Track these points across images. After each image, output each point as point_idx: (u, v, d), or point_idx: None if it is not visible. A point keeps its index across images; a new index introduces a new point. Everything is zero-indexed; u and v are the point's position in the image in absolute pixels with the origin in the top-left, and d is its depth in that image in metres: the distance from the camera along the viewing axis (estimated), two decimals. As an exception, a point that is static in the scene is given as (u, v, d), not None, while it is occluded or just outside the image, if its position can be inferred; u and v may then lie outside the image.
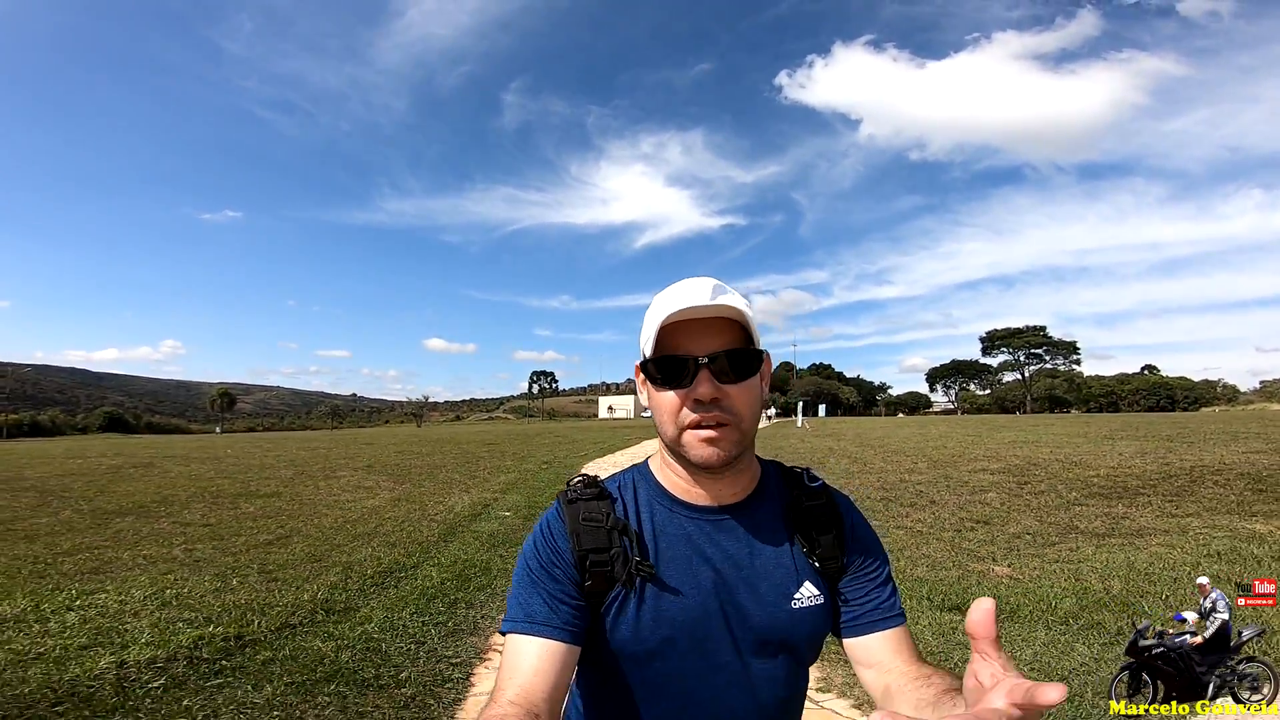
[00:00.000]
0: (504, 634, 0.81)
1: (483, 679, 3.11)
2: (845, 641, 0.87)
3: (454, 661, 3.28)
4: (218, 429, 75.95)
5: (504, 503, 8.49)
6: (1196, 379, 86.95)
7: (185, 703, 2.68)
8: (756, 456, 0.90)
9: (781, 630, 0.83)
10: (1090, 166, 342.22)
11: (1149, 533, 5.49)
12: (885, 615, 0.86)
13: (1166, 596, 3.86)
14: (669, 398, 0.80)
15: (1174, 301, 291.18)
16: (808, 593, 0.84)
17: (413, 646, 3.41)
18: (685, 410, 0.79)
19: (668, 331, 0.79)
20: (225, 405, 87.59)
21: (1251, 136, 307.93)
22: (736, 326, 0.80)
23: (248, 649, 3.26)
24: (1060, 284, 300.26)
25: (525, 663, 0.76)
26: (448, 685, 3.00)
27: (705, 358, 0.78)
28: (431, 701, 2.83)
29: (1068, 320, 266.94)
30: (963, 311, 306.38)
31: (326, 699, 2.75)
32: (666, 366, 0.80)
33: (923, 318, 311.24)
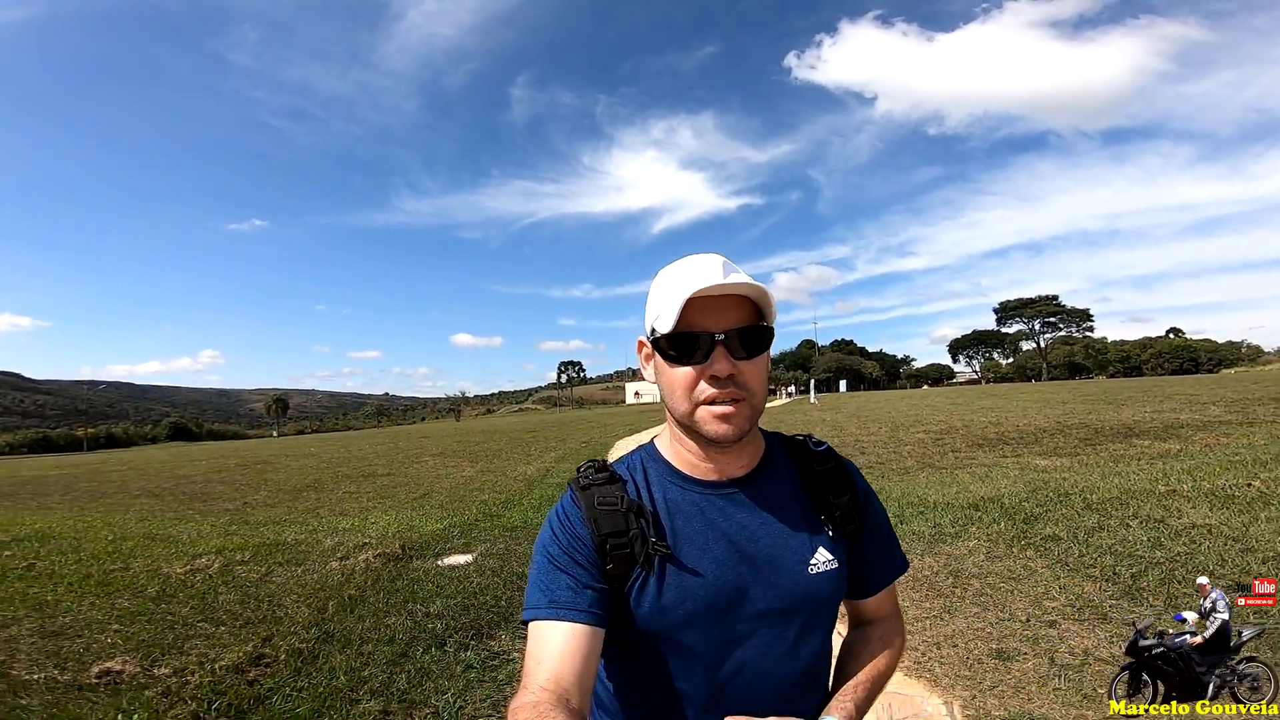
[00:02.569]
0: (526, 622, 0.82)
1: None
2: (857, 603, 0.96)
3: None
4: (274, 433, 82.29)
5: (559, 469, 11.60)
6: (1238, 339, 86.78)
7: (387, 589, 4.62)
8: (760, 429, 0.91)
9: (800, 596, 0.85)
10: (1115, 131, 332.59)
11: (970, 465, 8.38)
12: (892, 571, 0.96)
13: (922, 497, 6.61)
14: (683, 373, 0.81)
15: (1212, 261, 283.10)
16: (823, 557, 0.86)
17: (534, 533, 6.51)
18: (700, 386, 0.80)
19: (683, 306, 0.78)
20: (279, 410, 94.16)
21: (1277, 97, 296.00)
22: (748, 302, 0.81)
23: (451, 538, 6.36)
24: (1092, 248, 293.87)
25: (553, 648, 0.76)
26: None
27: (722, 334, 0.79)
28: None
29: (1103, 284, 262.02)
30: (992, 280, 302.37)
31: (502, 548, 5.85)
32: (681, 342, 0.80)
33: (951, 288, 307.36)
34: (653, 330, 0.83)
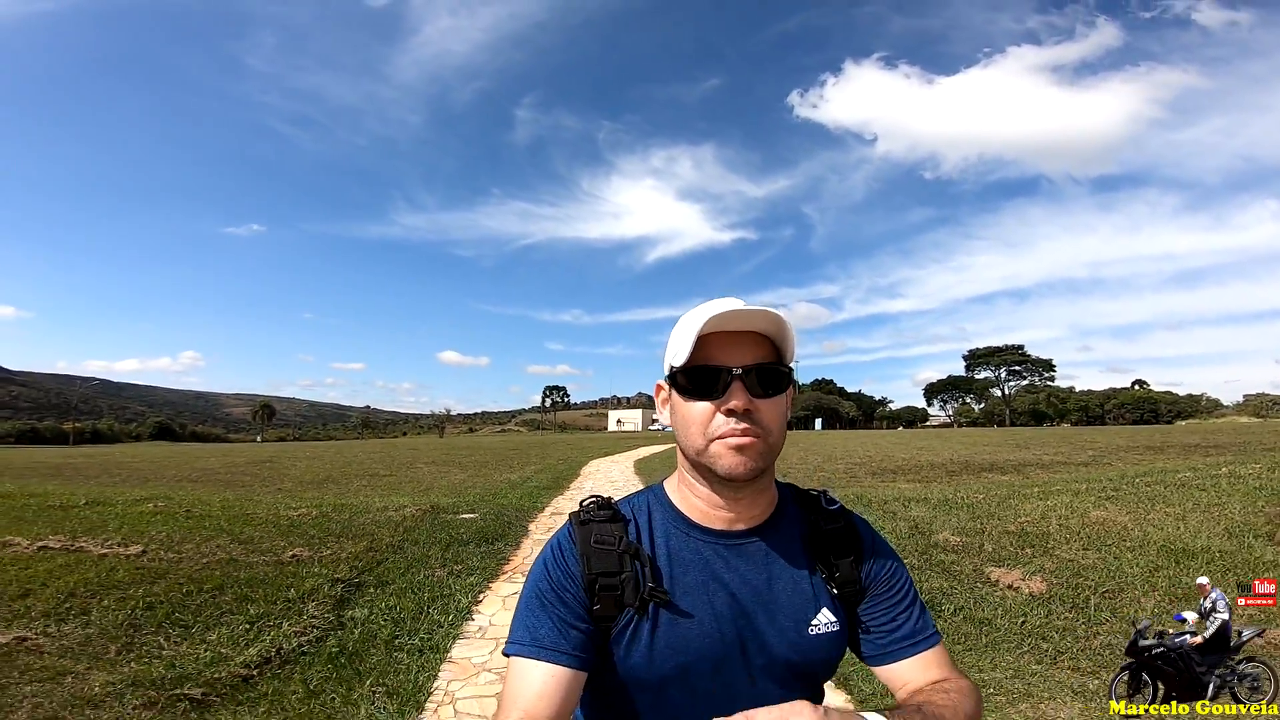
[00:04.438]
0: (507, 656, 0.80)
1: (537, 524, 8.47)
2: (877, 670, 0.88)
3: (535, 512, 8.67)
4: (258, 438, 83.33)
5: (536, 479, 13.85)
6: (1212, 392, 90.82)
7: (430, 524, 7.92)
8: (775, 481, 0.90)
9: (798, 657, 0.83)
10: (1104, 179, 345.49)
11: (851, 486, 10.83)
12: (916, 639, 0.87)
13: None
14: (700, 408, 0.80)
15: (1191, 313, 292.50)
16: (824, 619, 0.84)
17: (519, 513, 8.82)
18: (716, 420, 0.79)
19: (700, 344, 0.79)
20: (266, 416, 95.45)
21: (1265, 145, 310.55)
22: (767, 343, 0.82)
23: (461, 507, 8.66)
24: (1076, 296, 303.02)
25: (530, 688, 0.76)
26: (526, 525, 8.38)
27: (739, 369, 0.79)
28: (526, 522, 8.20)
29: (1084, 333, 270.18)
30: (976, 325, 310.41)
31: (495, 511, 8.17)
32: (699, 376, 0.80)
33: (935, 331, 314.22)
34: (670, 367, 0.84)
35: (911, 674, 0.85)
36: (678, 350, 0.81)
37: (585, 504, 0.88)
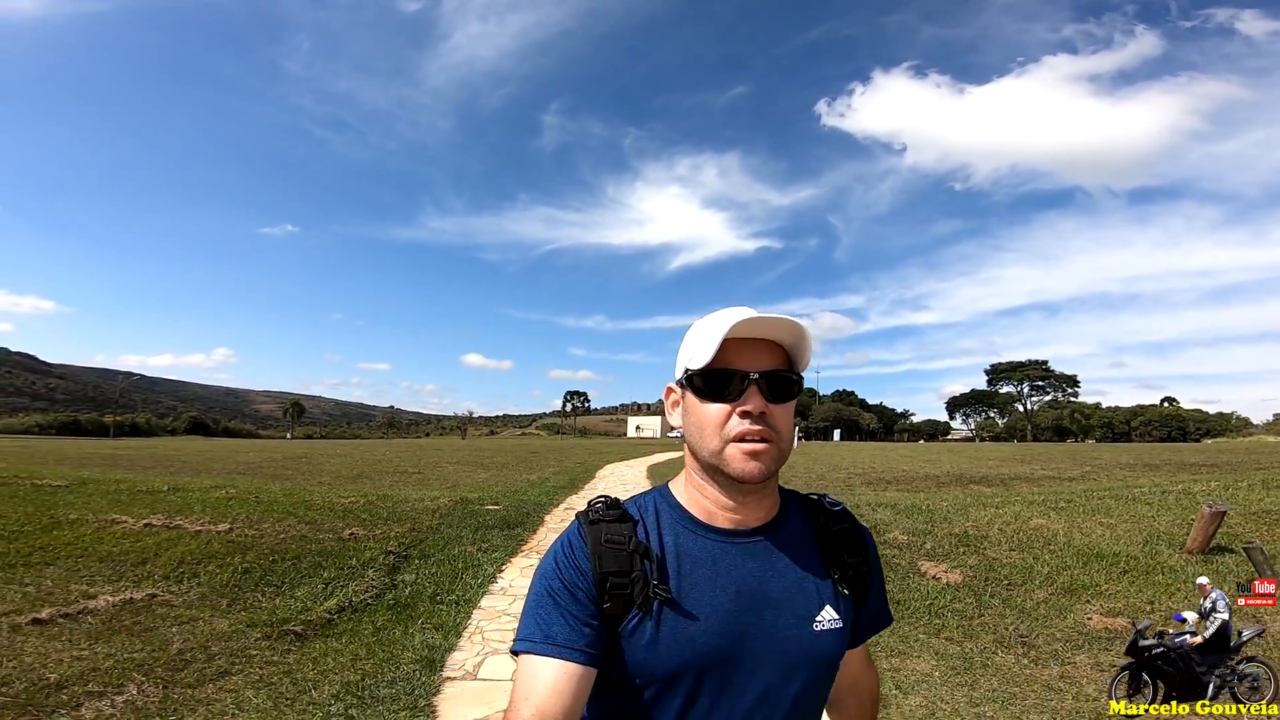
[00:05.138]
0: (517, 654, 0.81)
1: (552, 515, 9.47)
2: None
3: (551, 507, 9.68)
4: (288, 435, 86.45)
5: (553, 479, 14.88)
6: (1245, 410, 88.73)
7: (460, 512, 9.07)
8: (777, 485, 0.92)
9: (803, 654, 0.85)
10: (1141, 191, 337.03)
11: (842, 493, 11.61)
12: (879, 623, 0.98)
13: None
14: (715, 410, 0.83)
15: (1228, 330, 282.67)
16: (828, 616, 0.87)
17: (536, 506, 9.84)
18: (732, 422, 0.82)
19: (720, 347, 0.81)
20: (296, 414, 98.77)
21: None
22: (781, 351, 0.85)
23: (486, 500, 9.71)
24: (1108, 311, 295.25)
25: (542, 684, 0.77)
26: (543, 516, 9.39)
27: (756, 373, 0.81)
28: (542, 514, 9.22)
29: (1116, 349, 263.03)
30: (1006, 339, 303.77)
31: (516, 503, 9.21)
32: (716, 379, 0.83)
33: (962, 345, 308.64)
34: (686, 370, 0.86)
35: (857, 653, 1.00)
36: (697, 353, 0.84)
37: (594, 504, 0.89)
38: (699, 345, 0.84)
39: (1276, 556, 5.05)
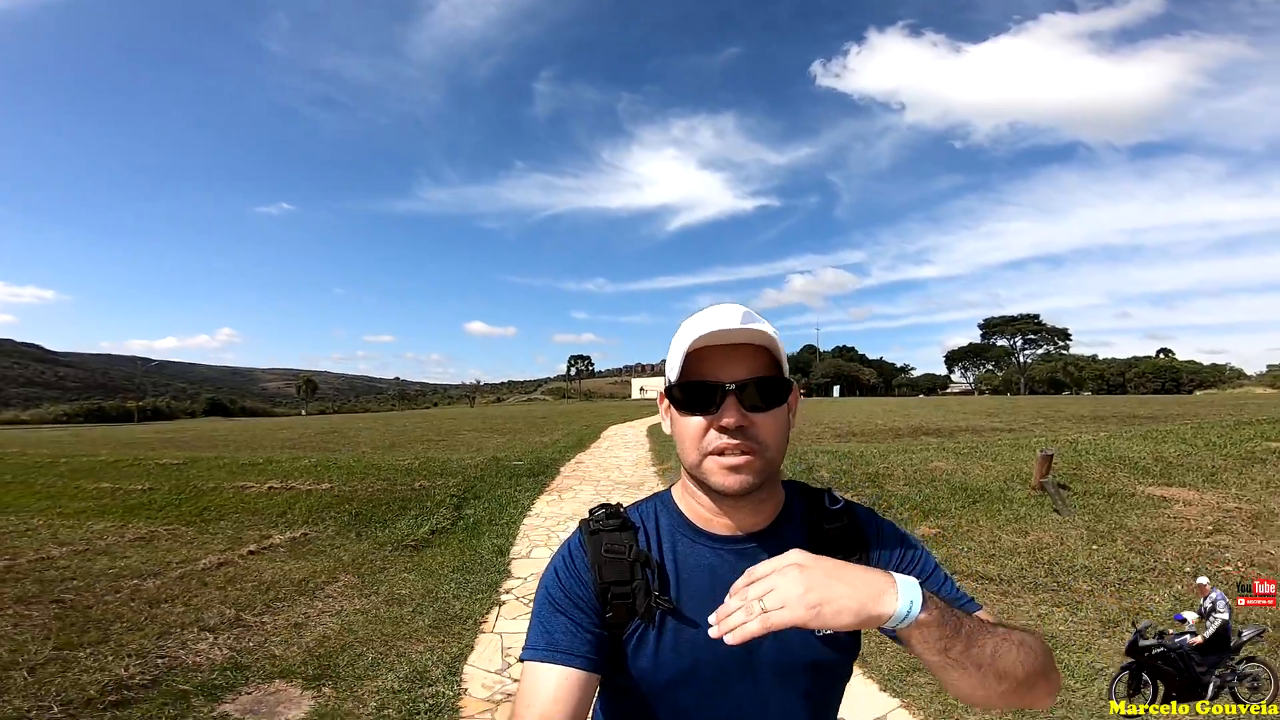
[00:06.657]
0: (523, 661, 0.82)
1: (566, 468, 11.56)
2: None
3: (564, 462, 11.75)
4: (302, 411, 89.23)
5: (563, 441, 16.90)
6: (1253, 360, 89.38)
7: (495, 468, 11.15)
8: (781, 481, 0.91)
9: (805, 659, 0.85)
10: (1144, 146, 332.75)
11: (808, 444, 13.69)
12: (957, 599, 0.86)
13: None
14: (694, 423, 0.81)
15: (1234, 281, 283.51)
16: None
17: (553, 461, 11.91)
18: (709, 437, 0.80)
19: (695, 357, 0.80)
20: (309, 391, 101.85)
21: None
22: (765, 354, 0.82)
23: (506, 461, 11.80)
24: (1113, 263, 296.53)
25: (545, 691, 0.78)
26: (559, 469, 11.47)
27: (733, 384, 0.79)
28: (559, 467, 11.30)
29: (1122, 299, 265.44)
30: (1010, 292, 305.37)
31: (535, 459, 11.31)
32: (692, 392, 0.81)
33: (966, 298, 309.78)
34: (667, 380, 0.84)
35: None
36: (671, 365, 0.82)
37: (595, 513, 0.89)
38: (671, 357, 0.83)
39: (1093, 493, 6.77)
